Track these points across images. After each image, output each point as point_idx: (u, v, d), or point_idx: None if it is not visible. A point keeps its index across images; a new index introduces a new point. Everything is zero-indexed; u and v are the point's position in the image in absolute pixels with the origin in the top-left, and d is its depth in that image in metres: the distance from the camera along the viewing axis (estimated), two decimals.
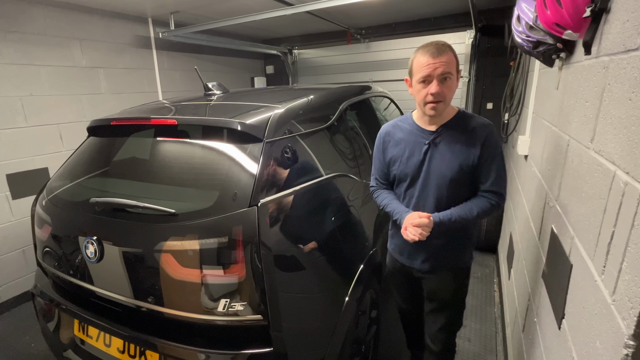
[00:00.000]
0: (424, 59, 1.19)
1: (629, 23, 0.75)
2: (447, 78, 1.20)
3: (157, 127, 1.49)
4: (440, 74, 1.18)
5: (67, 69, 3.02)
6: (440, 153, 1.30)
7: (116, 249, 1.30)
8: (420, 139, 1.34)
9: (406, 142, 1.37)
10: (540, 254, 1.40)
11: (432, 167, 1.31)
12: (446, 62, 1.17)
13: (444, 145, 1.30)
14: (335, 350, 1.43)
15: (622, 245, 0.68)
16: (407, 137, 1.37)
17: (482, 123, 1.29)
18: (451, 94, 1.24)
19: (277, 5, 3.17)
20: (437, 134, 1.31)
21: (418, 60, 1.22)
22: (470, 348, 2.14)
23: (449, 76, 1.19)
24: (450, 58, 1.19)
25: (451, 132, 1.30)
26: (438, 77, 1.18)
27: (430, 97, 1.21)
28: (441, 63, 1.17)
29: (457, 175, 1.28)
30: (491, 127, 1.29)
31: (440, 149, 1.30)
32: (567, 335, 0.96)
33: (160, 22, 3.81)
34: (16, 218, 2.79)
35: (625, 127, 0.72)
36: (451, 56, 1.20)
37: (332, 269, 1.48)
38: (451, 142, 1.29)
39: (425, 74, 1.19)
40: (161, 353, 1.26)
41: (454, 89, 1.24)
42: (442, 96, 1.20)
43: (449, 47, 1.20)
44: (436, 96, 1.20)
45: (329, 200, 1.55)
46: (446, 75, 1.19)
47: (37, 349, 2.31)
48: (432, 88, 1.19)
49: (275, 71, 5.83)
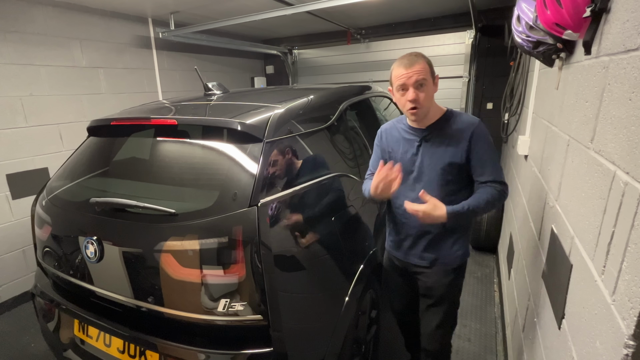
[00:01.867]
0: (399, 71, 1.30)
1: (629, 23, 0.75)
2: (422, 84, 1.29)
3: (157, 127, 1.49)
4: (415, 81, 1.28)
5: (67, 69, 3.02)
6: (430, 150, 1.38)
7: (116, 249, 1.30)
8: (412, 137, 1.42)
9: (401, 141, 1.46)
10: (540, 254, 1.40)
11: (424, 164, 1.39)
12: (418, 70, 1.27)
13: (434, 142, 1.38)
14: (335, 350, 1.43)
15: (622, 245, 0.68)
16: (401, 136, 1.46)
17: (468, 120, 1.36)
18: (429, 98, 1.32)
19: (277, 5, 3.17)
20: (427, 131, 1.39)
21: (395, 72, 1.33)
22: (470, 348, 2.14)
23: (423, 82, 1.29)
24: (422, 66, 1.29)
25: (439, 130, 1.37)
26: (413, 84, 1.28)
27: (409, 103, 1.30)
28: (414, 72, 1.27)
29: (446, 172, 1.35)
30: (477, 122, 1.34)
31: (430, 147, 1.38)
32: (567, 335, 0.96)
33: (160, 22, 3.82)
34: (16, 218, 2.79)
35: (625, 127, 0.72)
36: (423, 64, 1.29)
37: (332, 269, 1.48)
38: (440, 140, 1.36)
39: (401, 83, 1.30)
40: (161, 353, 1.26)
41: (431, 93, 1.34)
42: (419, 102, 1.30)
43: (421, 56, 1.31)
44: (413, 102, 1.29)
45: (329, 200, 1.55)
46: (421, 81, 1.28)
47: (37, 349, 2.31)
48: (409, 95, 1.30)
49: (275, 71, 5.83)
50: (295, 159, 1.41)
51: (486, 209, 1.32)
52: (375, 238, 1.90)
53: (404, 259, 1.54)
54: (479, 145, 1.32)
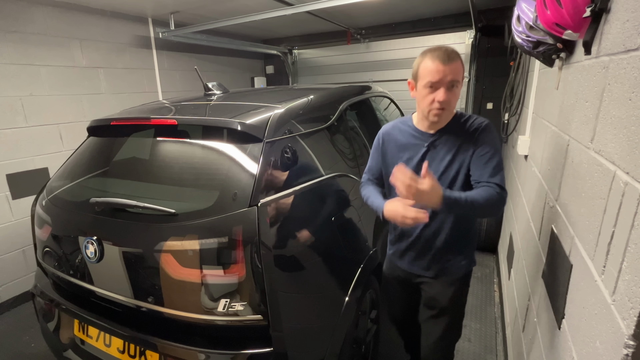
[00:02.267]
0: (434, 65, 1.15)
1: (629, 23, 0.75)
2: (455, 86, 1.17)
3: (157, 127, 1.49)
4: (450, 81, 1.15)
5: (67, 69, 3.02)
6: (438, 155, 1.29)
7: (116, 249, 1.30)
8: (419, 141, 1.33)
9: (405, 145, 1.36)
10: (540, 254, 1.40)
11: (430, 169, 1.27)
12: (455, 69, 1.15)
13: (442, 147, 1.28)
14: (335, 351, 1.43)
15: (622, 245, 0.68)
16: (406, 140, 1.36)
17: (478, 122, 1.27)
18: (455, 101, 1.22)
19: (277, 5, 3.17)
20: (436, 136, 1.29)
21: (426, 64, 1.17)
22: (470, 348, 2.14)
23: (456, 84, 1.17)
24: (459, 66, 1.17)
25: (449, 134, 1.28)
26: (447, 84, 1.16)
27: (437, 104, 1.18)
28: (451, 70, 1.14)
29: (454, 177, 1.27)
30: (486, 124, 1.26)
31: (439, 152, 1.29)
32: (567, 335, 0.96)
33: (160, 22, 3.81)
34: (16, 218, 2.79)
35: (625, 127, 0.72)
36: (460, 64, 1.17)
37: (332, 269, 1.48)
38: (449, 145, 1.27)
39: (434, 80, 1.16)
40: (161, 353, 1.26)
41: (458, 96, 1.22)
42: (447, 104, 1.18)
43: (457, 54, 1.18)
44: (443, 104, 1.18)
45: (329, 200, 1.55)
46: (454, 82, 1.16)
47: (37, 349, 2.31)
48: (439, 95, 1.17)
49: (275, 71, 5.82)
50: (295, 159, 1.41)
51: (484, 209, 1.16)
52: (375, 238, 1.90)
53: (408, 269, 1.47)
54: (483, 148, 1.22)
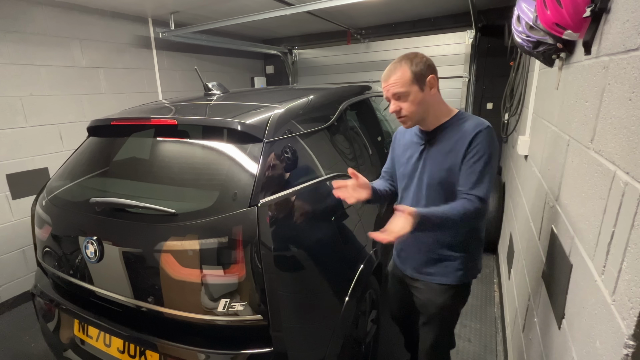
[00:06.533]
0: (382, 83, 1.29)
1: (629, 23, 0.75)
2: (401, 97, 1.24)
3: (157, 127, 1.49)
4: (392, 94, 1.25)
5: (67, 69, 3.02)
6: (433, 154, 1.30)
7: (116, 249, 1.30)
8: (418, 140, 1.37)
9: (408, 144, 1.42)
10: (540, 254, 1.40)
11: (426, 168, 1.32)
12: (394, 82, 1.23)
13: (437, 146, 1.29)
14: (335, 350, 1.43)
15: (622, 245, 0.68)
16: (409, 139, 1.42)
17: (476, 123, 1.24)
18: (413, 107, 1.23)
19: (277, 5, 3.17)
20: (432, 135, 1.31)
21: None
22: (470, 348, 2.14)
23: (401, 94, 1.23)
24: (400, 76, 1.21)
25: (445, 133, 1.28)
26: (392, 97, 1.26)
27: (395, 114, 1.29)
28: (390, 85, 1.24)
29: (446, 177, 1.26)
30: (484, 127, 1.21)
31: (434, 151, 1.30)
32: (567, 335, 0.96)
33: (160, 22, 3.81)
34: (16, 218, 2.79)
35: (625, 127, 0.72)
36: (401, 73, 1.21)
37: (332, 269, 1.48)
38: (443, 144, 1.27)
39: (385, 97, 1.29)
40: (161, 353, 1.26)
41: (417, 101, 1.23)
42: (401, 113, 1.26)
43: (405, 62, 1.22)
44: (396, 114, 1.27)
45: (329, 200, 1.55)
46: (398, 94, 1.23)
47: (37, 349, 2.31)
48: (390, 107, 1.28)
49: (275, 71, 5.83)
50: (295, 159, 1.41)
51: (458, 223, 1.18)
52: None
53: (401, 267, 1.50)
54: (473, 152, 1.20)
